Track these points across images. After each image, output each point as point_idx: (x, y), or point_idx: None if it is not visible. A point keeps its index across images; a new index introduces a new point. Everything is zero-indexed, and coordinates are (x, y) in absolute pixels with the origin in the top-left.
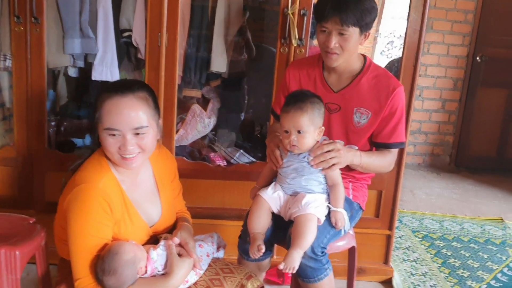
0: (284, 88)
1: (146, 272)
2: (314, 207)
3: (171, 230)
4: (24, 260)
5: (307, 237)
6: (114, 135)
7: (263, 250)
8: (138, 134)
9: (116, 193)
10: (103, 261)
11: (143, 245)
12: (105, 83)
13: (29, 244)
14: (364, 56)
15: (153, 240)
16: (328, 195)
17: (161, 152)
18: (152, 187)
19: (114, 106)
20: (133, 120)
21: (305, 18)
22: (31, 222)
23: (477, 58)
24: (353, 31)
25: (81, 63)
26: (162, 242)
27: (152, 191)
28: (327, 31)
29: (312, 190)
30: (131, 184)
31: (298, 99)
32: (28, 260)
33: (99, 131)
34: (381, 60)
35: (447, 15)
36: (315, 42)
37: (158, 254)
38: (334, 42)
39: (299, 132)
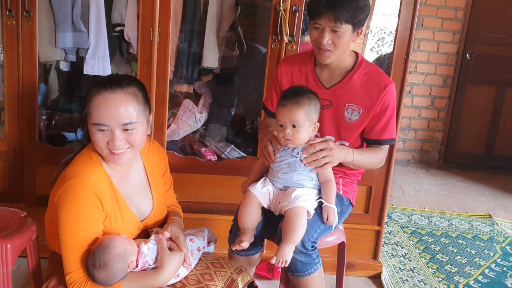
0: (275, 83)
1: (137, 266)
2: (303, 200)
3: (162, 224)
4: (15, 253)
5: (298, 231)
6: (102, 130)
7: (245, 247)
8: (127, 129)
9: (107, 187)
10: (93, 255)
11: (134, 239)
12: (96, 77)
13: (20, 237)
14: (356, 53)
15: (144, 234)
16: (319, 191)
17: (152, 147)
18: (143, 181)
19: (103, 101)
20: (121, 116)
21: (297, 15)
22: (22, 215)
23: (467, 55)
24: (346, 28)
25: (72, 57)
26: (153, 236)
27: (143, 185)
28: (320, 27)
29: (303, 185)
30: (121, 178)
31: (296, 94)
32: (19, 253)
33: (88, 125)
34: (371, 57)
35: (437, 12)
36: (306, 38)
37: (149, 248)
38: (327, 39)
39: (294, 126)
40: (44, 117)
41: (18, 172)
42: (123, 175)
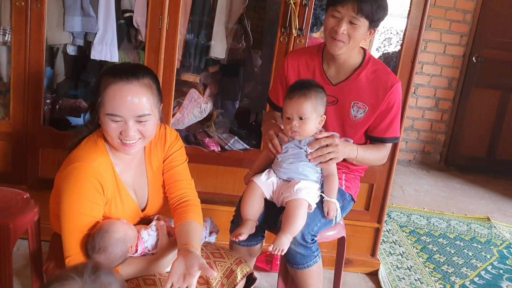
0: (281, 77)
1: (136, 252)
2: (306, 193)
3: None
4: (17, 234)
5: (297, 222)
6: (116, 121)
7: (243, 239)
8: (140, 121)
9: (109, 174)
10: (93, 239)
11: (135, 225)
12: (105, 64)
13: (23, 218)
14: (364, 50)
15: (146, 221)
16: (322, 185)
17: (158, 134)
18: (143, 171)
19: (118, 92)
20: (136, 107)
21: (306, 9)
22: (24, 197)
23: (473, 59)
24: (364, 23)
25: (80, 42)
26: (153, 223)
27: (142, 175)
28: (339, 16)
29: (307, 176)
30: (124, 167)
31: (303, 87)
32: (21, 234)
33: (100, 114)
34: (376, 56)
35: (446, 14)
36: (314, 34)
37: (149, 234)
38: (343, 28)
39: (301, 118)
40: (48, 101)
41: (22, 154)
42: (126, 164)
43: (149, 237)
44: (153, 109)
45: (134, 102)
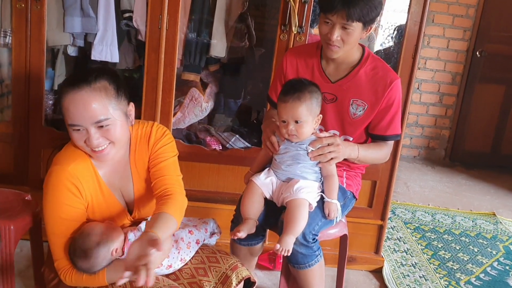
0: (280, 74)
1: (123, 254)
2: (306, 192)
3: None
4: (18, 234)
5: (299, 223)
6: (78, 129)
7: (241, 236)
8: (101, 126)
9: (89, 176)
10: (74, 243)
11: (124, 227)
12: (106, 64)
13: (24, 219)
14: (363, 47)
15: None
16: (322, 184)
17: (143, 133)
18: (128, 173)
19: (71, 101)
20: (93, 114)
21: (306, 6)
22: (26, 198)
23: (477, 53)
24: (357, 26)
25: (80, 42)
26: (141, 224)
27: (128, 177)
28: (330, 23)
29: (306, 178)
30: (108, 169)
31: (296, 89)
32: (22, 235)
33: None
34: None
35: (448, 8)
36: (314, 30)
37: (135, 236)
38: (336, 35)
39: (297, 122)
40: (50, 102)
41: (23, 155)
42: (109, 166)
43: (135, 238)
44: (113, 112)
45: (89, 109)
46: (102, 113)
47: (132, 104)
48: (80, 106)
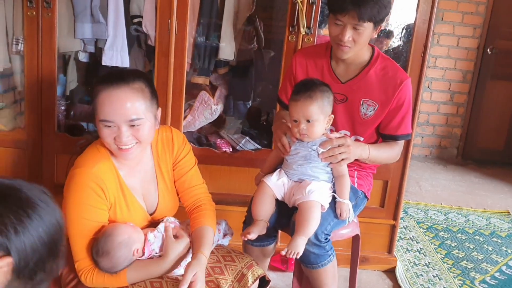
0: (290, 76)
1: (143, 254)
2: (318, 194)
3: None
4: None
5: (311, 224)
6: (109, 126)
7: (252, 238)
8: (133, 125)
9: (112, 178)
10: (97, 243)
11: (143, 228)
12: (117, 70)
13: None
14: (373, 47)
15: (156, 224)
16: (334, 185)
17: (165, 137)
18: (152, 176)
19: (108, 98)
20: (127, 112)
21: (314, 7)
22: None
23: (488, 51)
24: (368, 26)
25: (91, 48)
26: (160, 225)
27: (151, 179)
28: (341, 24)
29: (318, 178)
30: (129, 171)
31: (308, 88)
32: None
33: (95, 121)
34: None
35: (458, 6)
36: (323, 31)
37: (155, 236)
38: (348, 36)
39: (308, 121)
40: (63, 108)
41: (37, 160)
42: (131, 168)
43: (155, 239)
44: (146, 113)
45: (124, 107)
46: (136, 112)
47: (160, 109)
48: (117, 104)
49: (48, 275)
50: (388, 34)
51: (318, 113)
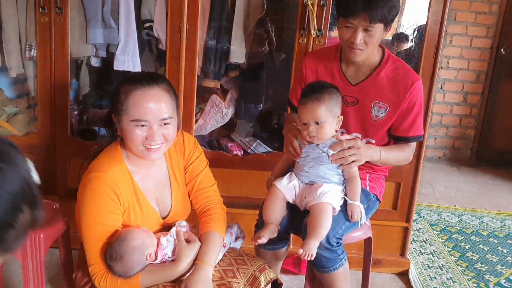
0: (300, 79)
1: (156, 259)
2: (329, 196)
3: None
4: (47, 243)
5: (323, 227)
6: (142, 125)
7: (262, 242)
8: (164, 124)
9: (126, 183)
10: (111, 247)
11: (156, 232)
12: (126, 74)
13: (53, 228)
14: (383, 48)
15: (169, 227)
16: (345, 187)
17: (178, 142)
18: (165, 179)
19: (142, 97)
20: (160, 111)
21: (325, 9)
22: (54, 207)
23: (501, 50)
24: (379, 27)
25: (103, 53)
26: (173, 229)
27: (165, 183)
28: (352, 27)
29: (329, 179)
30: (143, 175)
31: (315, 90)
32: (52, 243)
33: (123, 123)
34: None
35: (471, 6)
36: (333, 33)
37: (168, 241)
38: (359, 38)
39: (317, 123)
40: (75, 112)
41: (51, 165)
42: (144, 172)
43: (168, 243)
44: (174, 113)
45: (157, 106)
46: (168, 111)
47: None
48: (152, 103)
49: (19, 231)
50: (403, 39)
51: (327, 115)
